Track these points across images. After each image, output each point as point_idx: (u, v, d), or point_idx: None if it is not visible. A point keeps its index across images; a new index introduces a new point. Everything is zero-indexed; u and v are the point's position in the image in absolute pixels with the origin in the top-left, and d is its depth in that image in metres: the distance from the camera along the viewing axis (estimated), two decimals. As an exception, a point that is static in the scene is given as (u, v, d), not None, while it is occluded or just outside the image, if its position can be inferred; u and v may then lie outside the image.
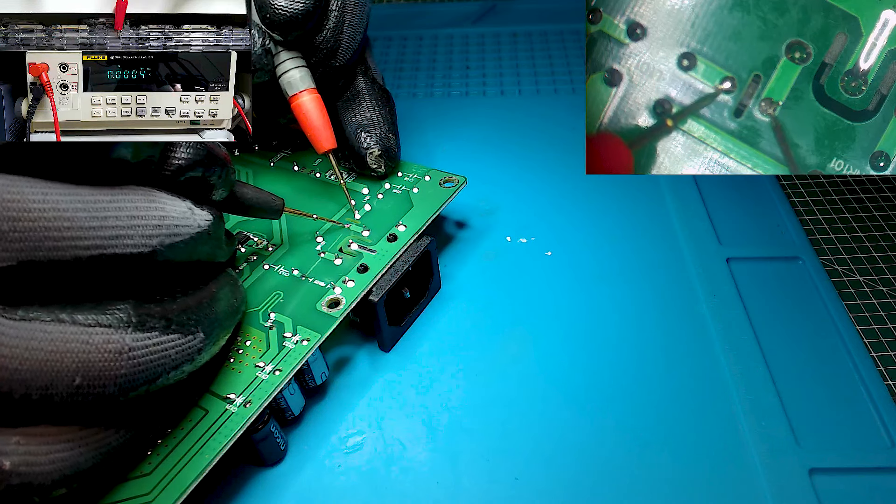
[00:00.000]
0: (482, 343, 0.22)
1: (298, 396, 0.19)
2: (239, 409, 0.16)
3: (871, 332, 0.23)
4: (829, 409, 0.20)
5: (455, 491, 0.18)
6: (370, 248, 0.21)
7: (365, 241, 0.21)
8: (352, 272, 0.20)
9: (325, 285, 0.20)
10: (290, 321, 0.19)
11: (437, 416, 0.20)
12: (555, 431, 0.19)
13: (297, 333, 0.18)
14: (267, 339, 0.18)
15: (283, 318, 0.19)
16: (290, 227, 0.22)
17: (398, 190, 0.23)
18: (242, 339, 0.18)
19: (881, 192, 0.29)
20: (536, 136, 0.31)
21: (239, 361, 0.18)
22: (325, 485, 0.18)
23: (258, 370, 0.17)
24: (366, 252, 0.21)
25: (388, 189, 0.23)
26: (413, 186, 0.23)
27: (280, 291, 0.20)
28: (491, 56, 0.37)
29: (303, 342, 0.18)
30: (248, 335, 0.19)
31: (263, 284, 0.20)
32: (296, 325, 0.19)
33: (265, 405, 0.17)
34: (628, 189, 0.27)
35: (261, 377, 0.17)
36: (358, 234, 0.22)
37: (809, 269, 0.24)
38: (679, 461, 0.19)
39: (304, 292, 0.20)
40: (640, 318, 0.22)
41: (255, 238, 0.22)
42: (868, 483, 0.18)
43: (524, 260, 0.25)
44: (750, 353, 0.21)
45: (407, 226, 0.22)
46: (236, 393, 0.17)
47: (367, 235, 0.21)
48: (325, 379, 0.19)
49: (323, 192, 0.24)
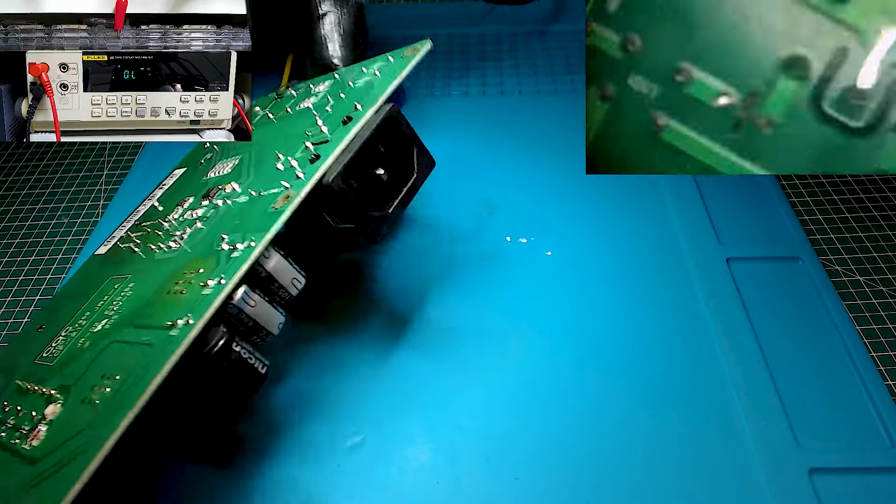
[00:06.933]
0: (482, 343, 0.22)
1: (267, 309, 0.16)
2: (182, 328, 0.15)
3: (871, 332, 0.23)
4: (829, 409, 0.20)
5: (455, 491, 0.18)
6: (324, 139, 0.19)
7: (322, 136, 0.19)
8: (305, 166, 0.18)
9: (278, 190, 0.18)
10: (240, 234, 0.17)
11: (438, 416, 0.20)
12: (555, 432, 0.19)
13: (245, 240, 0.16)
14: (217, 260, 0.17)
15: (234, 234, 0.17)
16: (258, 161, 0.21)
17: (360, 83, 0.21)
18: (195, 270, 0.17)
19: (881, 192, 0.29)
20: (536, 136, 0.31)
21: (189, 290, 0.16)
22: (325, 485, 0.18)
23: (204, 289, 0.15)
24: (321, 146, 0.18)
25: (350, 87, 0.21)
26: (375, 71, 0.21)
27: (238, 216, 0.18)
28: (491, 56, 0.37)
29: (249, 244, 0.16)
30: (200, 264, 0.17)
31: (224, 220, 0.19)
32: (245, 235, 0.17)
33: (210, 315, 0.15)
34: (628, 189, 0.27)
35: (206, 293, 0.15)
36: (317, 132, 0.19)
37: (809, 269, 0.24)
38: (679, 461, 0.19)
39: (258, 205, 0.18)
40: (640, 317, 0.22)
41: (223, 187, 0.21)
42: (868, 483, 0.18)
43: (524, 260, 0.25)
44: (750, 353, 0.21)
45: (364, 104, 0.19)
46: (180, 317, 0.15)
47: (326, 132, 0.19)
48: (300, 286, 0.17)
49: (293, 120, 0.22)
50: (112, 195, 0.30)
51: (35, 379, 0.18)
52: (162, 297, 0.17)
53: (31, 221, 0.30)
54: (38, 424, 0.16)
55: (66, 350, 0.18)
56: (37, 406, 0.16)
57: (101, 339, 0.17)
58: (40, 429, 0.15)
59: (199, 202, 0.21)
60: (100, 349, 0.17)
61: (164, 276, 0.18)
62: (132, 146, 0.33)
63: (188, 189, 0.23)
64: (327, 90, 0.23)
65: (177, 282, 0.17)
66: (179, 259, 0.18)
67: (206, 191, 0.21)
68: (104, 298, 0.19)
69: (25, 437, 0.16)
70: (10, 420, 0.17)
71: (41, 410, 0.16)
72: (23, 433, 0.16)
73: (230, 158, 0.23)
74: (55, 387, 0.17)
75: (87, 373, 0.16)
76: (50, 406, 0.16)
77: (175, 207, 0.22)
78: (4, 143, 0.34)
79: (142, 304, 0.17)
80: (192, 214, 0.20)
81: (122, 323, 0.17)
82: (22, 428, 0.16)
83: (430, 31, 0.39)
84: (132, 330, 0.16)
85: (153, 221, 0.22)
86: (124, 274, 0.20)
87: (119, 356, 0.16)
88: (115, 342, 0.16)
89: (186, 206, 0.21)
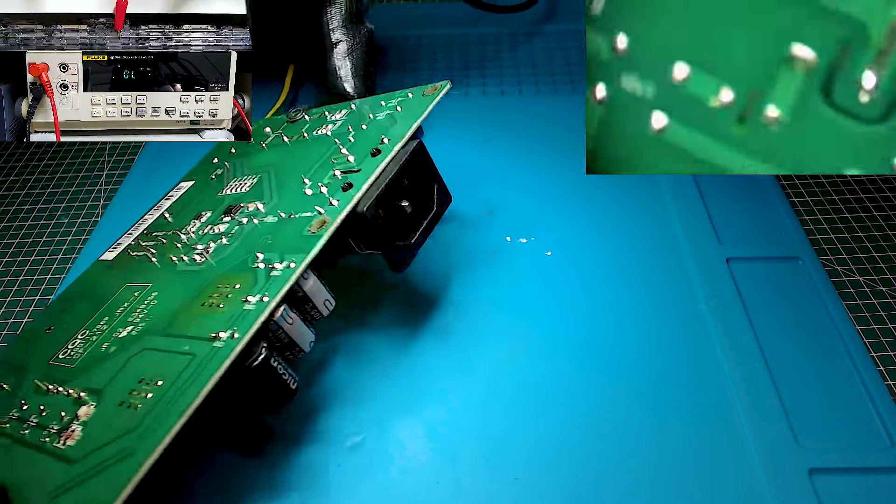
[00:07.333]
0: (482, 343, 0.22)
1: (302, 328, 0.17)
2: (227, 341, 0.15)
3: (871, 332, 0.23)
4: (829, 409, 0.20)
5: (455, 491, 0.18)
6: (354, 169, 0.19)
7: (350, 165, 0.20)
8: (337, 193, 0.19)
9: (311, 214, 0.18)
10: (278, 253, 0.18)
11: (437, 416, 0.20)
12: (555, 432, 0.19)
13: (284, 260, 0.17)
14: (255, 277, 0.17)
15: (271, 254, 0.18)
16: (279, 182, 0.22)
17: (381, 115, 0.22)
18: (231, 285, 0.17)
19: (881, 192, 0.29)
20: (536, 136, 0.31)
21: (227, 304, 0.17)
22: (325, 484, 0.18)
23: (245, 304, 0.16)
24: (350, 174, 0.19)
25: (371, 118, 0.22)
26: (397, 106, 0.22)
27: (269, 235, 0.19)
28: (491, 56, 0.37)
29: (289, 265, 0.17)
30: (236, 280, 0.18)
31: (251, 237, 0.19)
32: (283, 255, 0.18)
33: (255, 331, 0.15)
34: (628, 189, 0.27)
35: (248, 309, 0.16)
36: (343, 161, 0.20)
37: (809, 269, 0.24)
38: (679, 461, 0.19)
39: (291, 227, 0.19)
40: (640, 317, 0.22)
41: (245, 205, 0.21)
42: (868, 483, 0.18)
43: (524, 260, 0.25)
44: (750, 353, 0.21)
45: (391, 138, 0.20)
46: (224, 330, 0.16)
47: (352, 161, 0.20)
48: (331, 307, 0.18)
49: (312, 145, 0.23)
50: (112, 195, 0.30)
51: (55, 379, 0.18)
52: (194, 308, 0.17)
53: (31, 221, 0.30)
54: (71, 424, 0.16)
55: (88, 353, 0.18)
56: (64, 406, 0.17)
57: (129, 344, 0.18)
58: (74, 429, 0.16)
59: (218, 218, 0.21)
60: (130, 355, 0.17)
61: (193, 288, 0.18)
62: (132, 146, 0.33)
63: (203, 204, 0.23)
64: (345, 119, 0.23)
65: (210, 295, 0.18)
66: (207, 273, 0.19)
67: (225, 207, 0.22)
68: (124, 305, 0.20)
69: (57, 436, 0.16)
70: (33, 419, 0.17)
71: (70, 411, 0.16)
72: (52, 432, 0.16)
73: (246, 177, 0.23)
74: (82, 388, 0.17)
75: (120, 377, 0.17)
76: (83, 408, 0.16)
77: (191, 221, 0.22)
78: (4, 143, 0.34)
79: (170, 313, 0.18)
80: (214, 230, 0.21)
81: (152, 331, 0.18)
82: (50, 427, 0.16)
83: (430, 30, 0.39)
84: (165, 339, 0.17)
85: (167, 232, 0.23)
86: (143, 282, 0.20)
87: (154, 363, 0.16)
88: (147, 349, 0.17)
89: (204, 220, 0.22)
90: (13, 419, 0.18)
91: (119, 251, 0.23)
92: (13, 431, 0.17)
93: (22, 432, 0.17)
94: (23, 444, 0.17)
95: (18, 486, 0.15)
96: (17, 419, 0.17)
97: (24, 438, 0.17)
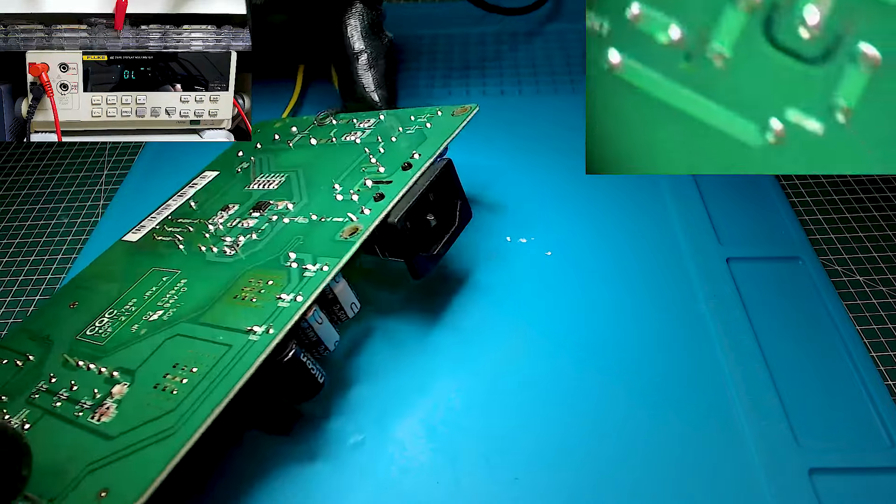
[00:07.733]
0: (482, 343, 0.22)
1: (329, 328, 0.18)
2: (262, 336, 0.16)
3: (871, 332, 0.23)
4: (829, 409, 0.20)
5: (455, 491, 0.18)
6: (386, 180, 0.21)
7: (380, 176, 0.21)
8: (369, 202, 0.20)
9: (343, 220, 0.20)
10: (310, 255, 0.19)
11: (437, 416, 0.20)
12: (555, 432, 0.19)
13: (317, 262, 0.18)
14: (288, 276, 0.18)
15: (303, 254, 0.19)
16: (308, 183, 0.22)
17: (411, 130, 0.23)
18: (264, 281, 0.18)
19: (881, 192, 0.29)
20: (536, 136, 0.31)
21: (261, 299, 0.18)
22: (325, 484, 0.18)
23: (279, 301, 0.17)
24: (382, 185, 0.21)
25: (400, 132, 0.23)
26: (426, 123, 0.23)
27: (300, 236, 0.20)
28: (491, 56, 0.37)
29: (322, 268, 0.18)
30: (269, 276, 0.18)
31: (282, 236, 0.20)
32: (315, 257, 0.18)
33: (289, 328, 0.16)
34: (628, 189, 0.27)
35: (282, 306, 0.17)
36: (373, 170, 0.21)
37: (809, 269, 0.24)
38: (679, 461, 0.19)
39: (323, 230, 0.20)
40: (640, 317, 0.22)
41: (275, 203, 0.22)
42: (868, 483, 0.18)
43: (524, 260, 0.25)
44: (750, 353, 0.21)
45: (421, 154, 0.21)
46: (259, 324, 0.17)
47: (382, 171, 0.21)
48: (356, 311, 0.19)
49: (340, 150, 0.24)
50: (112, 195, 0.30)
51: (84, 355, 0.19)
52: (228, 299, 0.18)
53: (31, 221, 0.30)
54: (105, 401, 0.17)
55: (117, 333, 0.19)
56: (96, 383, 0.17)
57: (160, 328, 0.18)
58: (108, 406, 0.16)
59: (247, 212, 0.22)
60: (162, 339, 0.18)
61: (224, 280, 0.19)
62: (132, 146, 0.34)
63: (230, 196, 0.24)
64: (374, 129, 0.24)
65: (243, 288, 0.18)
66: (237, 266, 0.20)
67: (254, 202, 0.23)
68: (152, 289, 0.20)
69: (91, 412, 0.17)
70: (63, 392, 0.18)
71: (103, 388, 0.17)
72: (85, 407, 0.17)
73: (273, 174, 0.24)
74: (114, 367, 0.18)
75: (153, 360, 0.17)
76: (116, 386, 0.17)
77: (218, 212, 0.23)
78: (4, 143, 0.34)
79: (201, 302, 0.19)
80: (243, 224, 0.22)
81: (183, 318, 0.18)
82: (82, 402, 0.17)
83: (430, 30, 0.39)
84: (198, 327, 0.18)
85: (193, 220, 0.23)
86: (171, 268, 0.21)
87: (188, 349, 0.17)
88: (180, 335, 0.18)
89: (232, 212, 0.23)
90: (42, 391, 0.18)
91: (143, 234, 0.24)
92: (43, 403, 0.18)
93: (54, 405, 0.17)
94: (55, 416, 0.17)
95: (51, 454, 0.16)
96: (47, 391, 0.18)
97: (55, 411, 0.17)
